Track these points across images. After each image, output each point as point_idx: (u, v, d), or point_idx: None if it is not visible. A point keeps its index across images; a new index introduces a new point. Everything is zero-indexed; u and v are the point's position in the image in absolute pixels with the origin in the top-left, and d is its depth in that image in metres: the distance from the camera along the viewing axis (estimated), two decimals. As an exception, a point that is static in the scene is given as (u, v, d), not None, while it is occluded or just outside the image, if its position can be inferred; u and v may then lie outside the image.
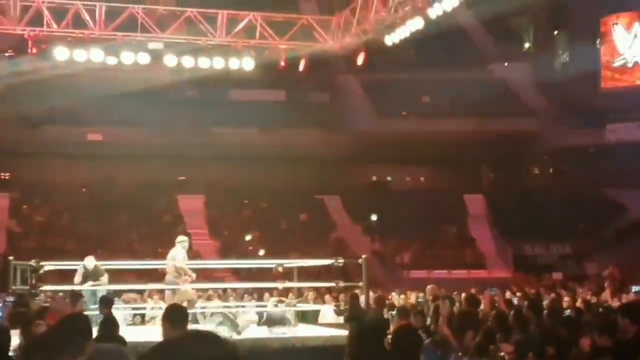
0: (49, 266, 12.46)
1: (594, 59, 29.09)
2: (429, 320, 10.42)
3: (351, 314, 10.51)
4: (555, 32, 31.55)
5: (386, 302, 12.31)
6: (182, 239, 12.22)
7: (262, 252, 24.86)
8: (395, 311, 9.35)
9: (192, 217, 26.65)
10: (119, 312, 11.73)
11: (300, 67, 18.40)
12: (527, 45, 32.65)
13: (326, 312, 14.02)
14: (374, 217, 28.63)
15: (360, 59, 17.90)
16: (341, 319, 12.03)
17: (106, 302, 9.35)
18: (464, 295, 12.21)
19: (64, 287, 12.14)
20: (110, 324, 7.42)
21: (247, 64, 17.72)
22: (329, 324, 12.81)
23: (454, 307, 11.12)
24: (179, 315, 4.78)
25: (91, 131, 27.41)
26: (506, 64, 31.17)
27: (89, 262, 12.24)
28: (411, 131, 28.09)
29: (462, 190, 29.04)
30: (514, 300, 14.00)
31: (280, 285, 14.27)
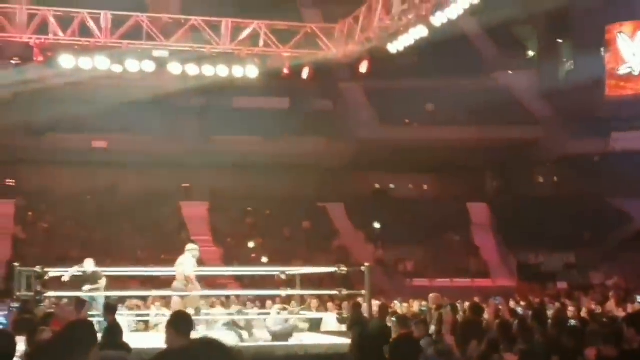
0: (54, 273, 12.48)
1: (599, 67, 28.89)
2: (432, 329, 10.40)
3: (353, 322, 10.49)
4: (559, 40, 31.49)
5: (389, 311, 12.28)
6: (192, 247, 12.16)
7: (265, 260, 24.85)
8: (395, 318, 9.26)
9: (195, 224, 26.67)
10: (123, 318, 11.74)
11: (304, 75, 18.40)
12: (531, 53, 32.64)
13: (329, 320, 13.99)
14: (377, 225, 28.58)
15: (363, 67, 17.89)
16: (344, 327, 11.99)
17: (110, 309, 9.37)
18: (467, 304, 12.15)
19: (69, 294, 12.16)
20: (115, 331, 7.43)
21: (251, 71, 17.74)
22: (332, 332, 12.77)
23: (457, 316, 11.11)
24: (185, 322, 4.77)
25: (96, 139, 27.48)
26: (510, 72, 31.12)
27: (88, 266, 12.23)
28: (414, 139, 28.07)
29: (466, 198, 28.98)
30: (518, 309, 13.97)
31: (283, 292, 14.27)
